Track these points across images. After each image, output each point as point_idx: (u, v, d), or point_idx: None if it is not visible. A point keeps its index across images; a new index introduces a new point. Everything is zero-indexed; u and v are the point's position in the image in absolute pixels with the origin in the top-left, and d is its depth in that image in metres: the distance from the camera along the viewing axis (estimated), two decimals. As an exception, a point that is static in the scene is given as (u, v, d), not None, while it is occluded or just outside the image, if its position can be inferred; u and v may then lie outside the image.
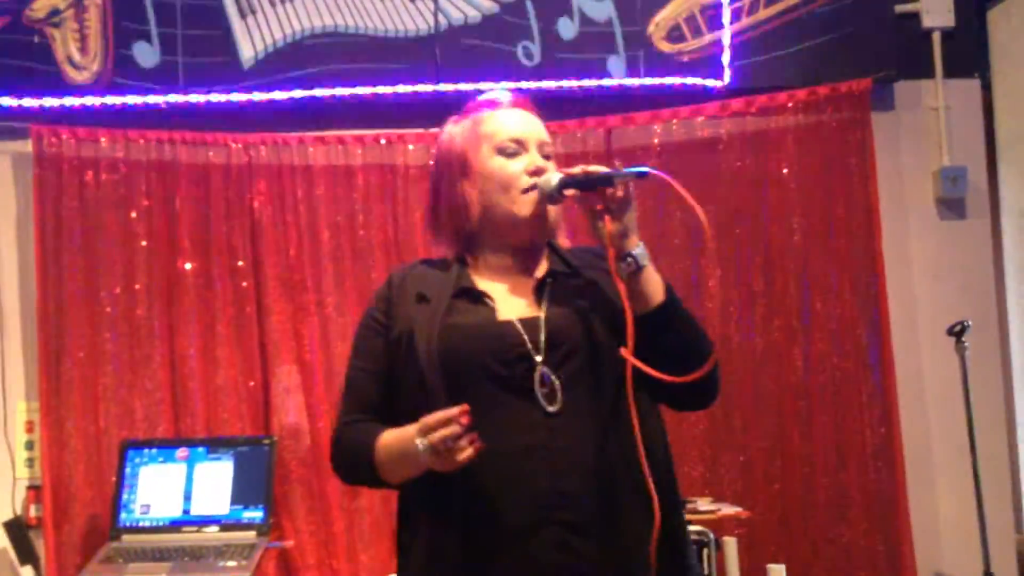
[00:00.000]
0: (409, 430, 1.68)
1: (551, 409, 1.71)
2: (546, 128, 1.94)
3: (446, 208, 1.90)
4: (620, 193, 1.72)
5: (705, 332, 1.81)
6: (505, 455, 1.68)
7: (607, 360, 1.74)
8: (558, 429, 1.70)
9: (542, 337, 1.75)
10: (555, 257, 1.90)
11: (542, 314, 1.78)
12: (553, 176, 1.80)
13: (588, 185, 1.74)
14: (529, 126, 1.89)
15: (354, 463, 1.83)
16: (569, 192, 1.77)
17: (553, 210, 1.85)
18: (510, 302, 1.82)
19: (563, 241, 1.93)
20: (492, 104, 1.94)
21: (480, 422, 1.63)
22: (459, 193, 1.87)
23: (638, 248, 1.73)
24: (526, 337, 1.75)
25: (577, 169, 1.76)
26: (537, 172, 1.83)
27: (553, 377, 1.72)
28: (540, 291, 1.83)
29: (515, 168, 1.84)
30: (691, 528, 3.43)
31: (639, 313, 1.72)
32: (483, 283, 1.85)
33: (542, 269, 1.88)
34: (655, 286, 1.75)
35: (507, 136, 1.87)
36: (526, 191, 1.82)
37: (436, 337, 1.75)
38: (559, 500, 1.67)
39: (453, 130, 1.96)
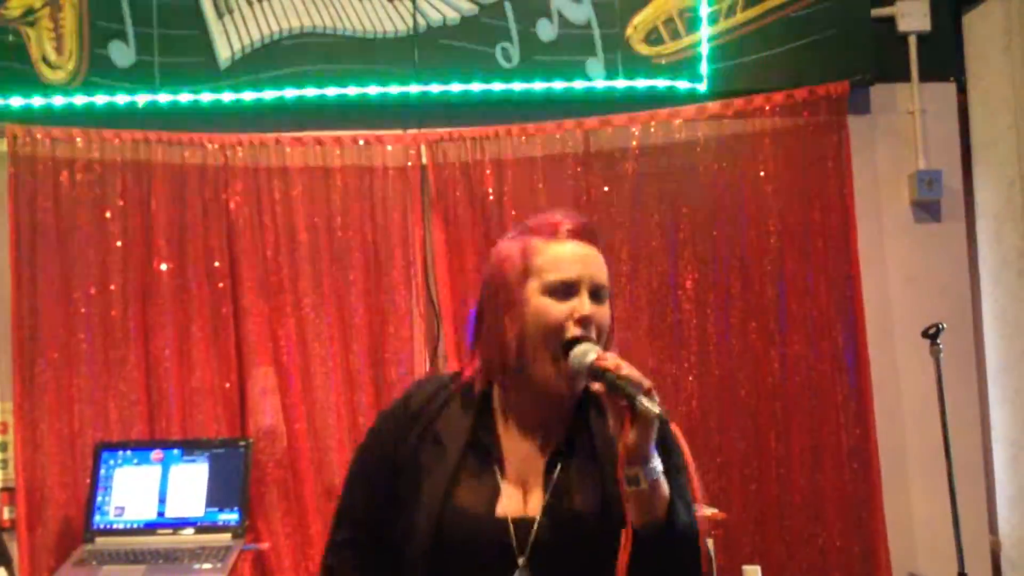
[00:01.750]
0: None
1: None
2: (598, 258, 1.76)
3: (485, 337, 1.76)
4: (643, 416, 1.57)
5: (697, 553, 1.67)
6: None
7: (595, 563, 1.64)
8: None
9: (531, 539, 1.68)
10: (581, 414, 1.77)
11: (537, 515, 1.70)
12: (590, 353, 1.64)
13: (612, 390, 1.60)
14: (584, 266, 1.71)
15: None
16: (595, 386, 1.62)
17: None
18: (519, 471, 1.74)
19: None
20: (551, 230, 1.74)
21: None
22: (500, 328, 1.72)
23: (650, 464, 1.59)
24: (514, 539, 1.68)
25: (611, 362, 1.61)
26: (583, 321, 1.67)
27: None
28: (552, 464, 1.73)
29: (560, 312, 1.67)
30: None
31: (636, 522, 1.61)
32: (501, 429, 1.77)
33: (561, 430, 1.76)
34: (659, 503, 1.61)
35: (558, 277, 1.69)
36: (561, 349, 1.67)
37: (436, 516, 1.70)
38: None
39: (504, 252, 1.76)
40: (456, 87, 4.29)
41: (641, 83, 4.35)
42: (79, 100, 4.17)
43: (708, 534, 3.62)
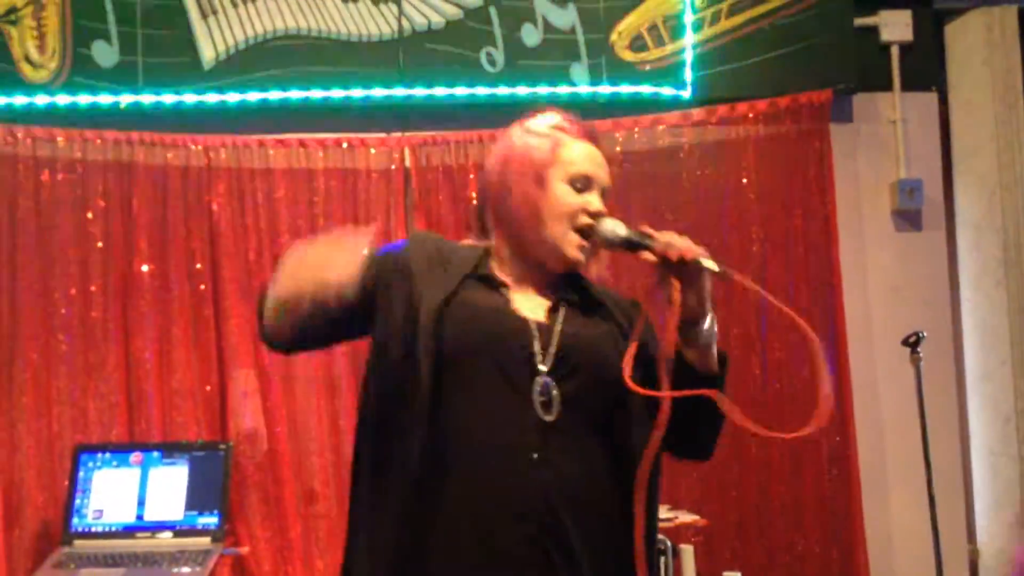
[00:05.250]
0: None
1: (547, 418, 1.68)
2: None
3: (509, 207, 1.84)
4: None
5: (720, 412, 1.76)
6: (494, 449, 1.66)
7: (612, 391, 1.71)
8: (552, 440, 1.68)
9: (552, 349, 1.73)
10: (579, 285, 1.88)
11: (557, 326, 1.76)
12: (619, 227, 1.82)
13: (670, 269, 1.75)
14: (600, 167, 1.90)
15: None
16: (646, 256, 1.77)
17: (601, 253, 1.86)
18: (526, 303, 1.80)
19: (592, 275, 1.91)
20: (570, 127, 1.94)
21: (469, 409, 1.63)
22: (532, 200, 1.82)
23: (707, 322, 1.75)
24: (537, 343, 1.72)
25: (660, 238, 1.78)
26: (596, 215, 1.83)
27: (554, 389, 1.70)
28: (556, 307, 1.81)
29: (577, 202, 1.83)
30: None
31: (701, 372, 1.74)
32: (503, 275, 1.84)
33: (555, 290, 1.85)
34: (712, 360, 1.77)
35: (580, 170, 1.86)
36: (579, 231, 1.81)
37: (440, 307, 1.71)
38: (548, 521, 1.65)
39: (529, 139, 1.91)
40: (440, 91, 4.28)
41: (625, 89, 4.36)
42: (61, 100, 4.15)
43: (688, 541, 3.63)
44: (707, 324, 1.75)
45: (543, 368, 1.70)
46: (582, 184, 1.85)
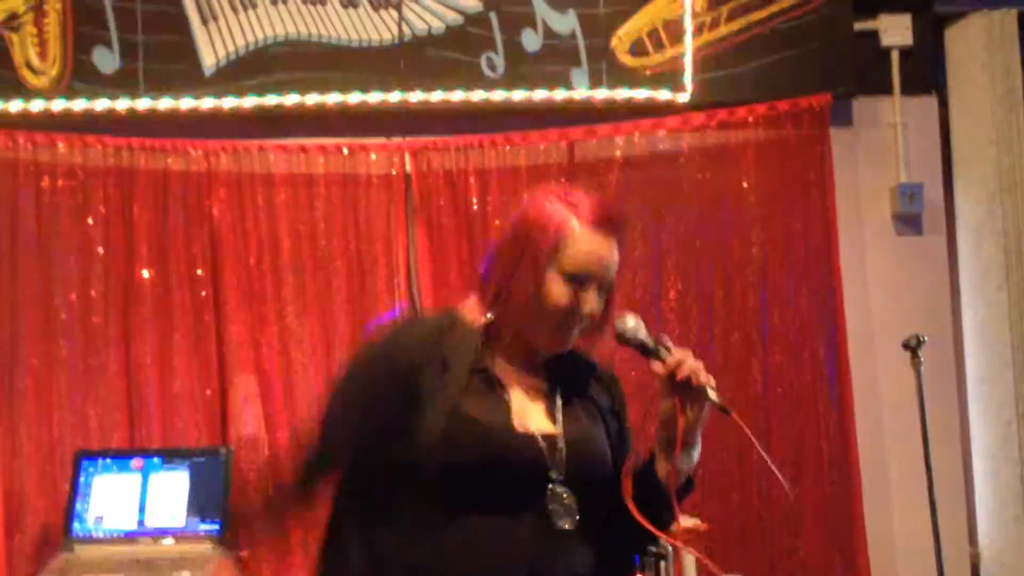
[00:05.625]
0: None
1: (565, 526, 1.69)
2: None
3: (510, 289, 1.78)
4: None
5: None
6: (508, 568, 1.65)
7: (611, 488, 1.74)
8: (571, 548, 1.69)
9: (561, 456, 1.72)
10: (567, 358, 1.85)
11: (559, 430, 1.75)
12: (640, 329, 1.79)
13: (675, 386, 1.74)
14: (601, 267, 1.78)
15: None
16: (656, 367, 1.76)
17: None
18: (523, 403, 1.77)
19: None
20: (588, 217, 1.78)
21: (481, 531, 1.64)
22: (528, 290, 1.75)
23: (693, 451, 1.77)
24: (545, 453, 1.71)
25: (675, 353, 1.76)
26: (590, 316, 1.77)
27: (568, 496, 1.70)
28: (552, 393, 1.80)
29: (569, 301, 1.75)
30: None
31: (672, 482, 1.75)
32: (499, 365, 1.79)
33: (549, 372, 1.84)
34: (676, 483, 1.76)
35: (580, 268, 1.76)
36: (568, 326, 1.78)
37: (444, 423, 1.67)
38: None
39: (542, 220, 1.78)
40: (441, 96, 4.28)
41: (625, 94, 4.36)
42: (62, 106, 4.15)
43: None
44: (693, 452, 1.76)
45: (555, 475, 1.70)
46: (580, 281, 1.76)
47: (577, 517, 1.69)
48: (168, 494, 3.71)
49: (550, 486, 1.69)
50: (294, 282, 4.19)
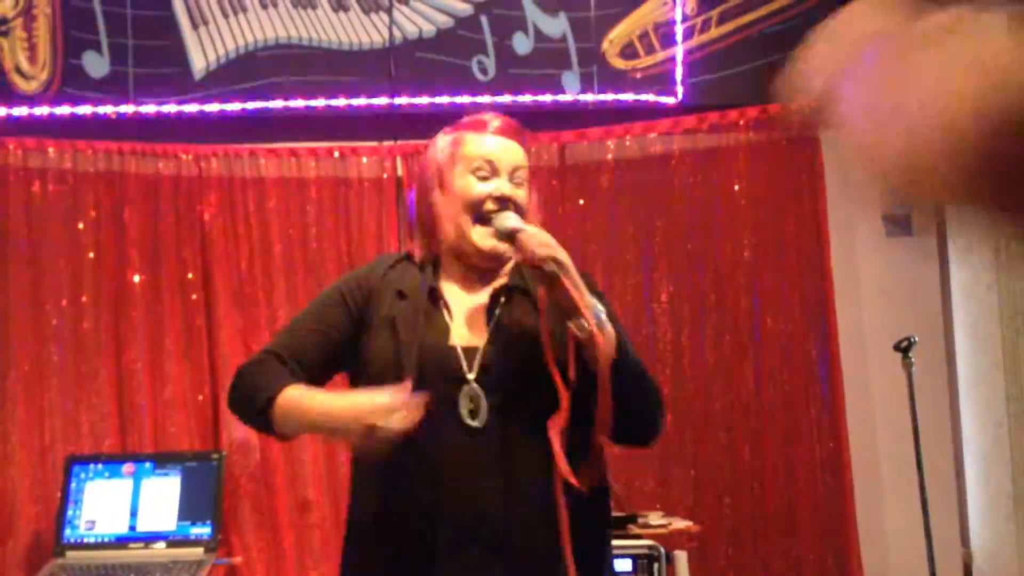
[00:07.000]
0: (344, 403, 1.79)
1: (473, 424, 1.82)
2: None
3: (420, 217, 1.99)
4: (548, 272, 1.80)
5: (653, 383, 1.94)
6: (431, 465, 1.81)
7: (542, 390, 1.82)
8: (479, 444, 1.82)
9: (476, 362, 1.86)
10: (516, 271, 1.97)
11: (481, 342, 1.88)
12: (510, 219, 1.88)
13: (521, 251, 1.84)
14: (505, 151, 1.95)
15: (249, 398, 1.90)
16: (517, 255, 1.88)
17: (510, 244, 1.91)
18: (463, 318, 1.93)
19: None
20: (478, 126, 2.00)
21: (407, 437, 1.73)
22: (432, 205, 1.96)
23: (590, 310, 1.79)
24: (463, 362, 1.86)
25: (524, 240, 1.83)
26: (502, 199, 1.91)
27: (482, 396, 1.83)
28: (493, 307, 1.93)
29: (481, 190, 1.91)
30: (642, 542, 3.45)
31: (596, 365, 1.80)
32: (448, 287, 1.96)
33: (500, 281, 1.97)
34: (610, 342, 1.81)
35: (480, 157, 1.93)
36: (483, 220, 1.90)
37: (391, 346, 1.87)
38: (478, 521, 1.78)
39: (438, 144, 2.02)
40: (432, 100, 4.29)
41: (616, 97, 4.37)
42: (52, 110, 4.15)
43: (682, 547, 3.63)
44: (582, 321, 1.79)
45: (470, 376, 1.85)
46: (487, 171, 1.93)
47: (484, 416, 1.82)
48: (160, 499, 3.70)
49: (465, 387, 1.83)
50: (286, 286, 4.19)
